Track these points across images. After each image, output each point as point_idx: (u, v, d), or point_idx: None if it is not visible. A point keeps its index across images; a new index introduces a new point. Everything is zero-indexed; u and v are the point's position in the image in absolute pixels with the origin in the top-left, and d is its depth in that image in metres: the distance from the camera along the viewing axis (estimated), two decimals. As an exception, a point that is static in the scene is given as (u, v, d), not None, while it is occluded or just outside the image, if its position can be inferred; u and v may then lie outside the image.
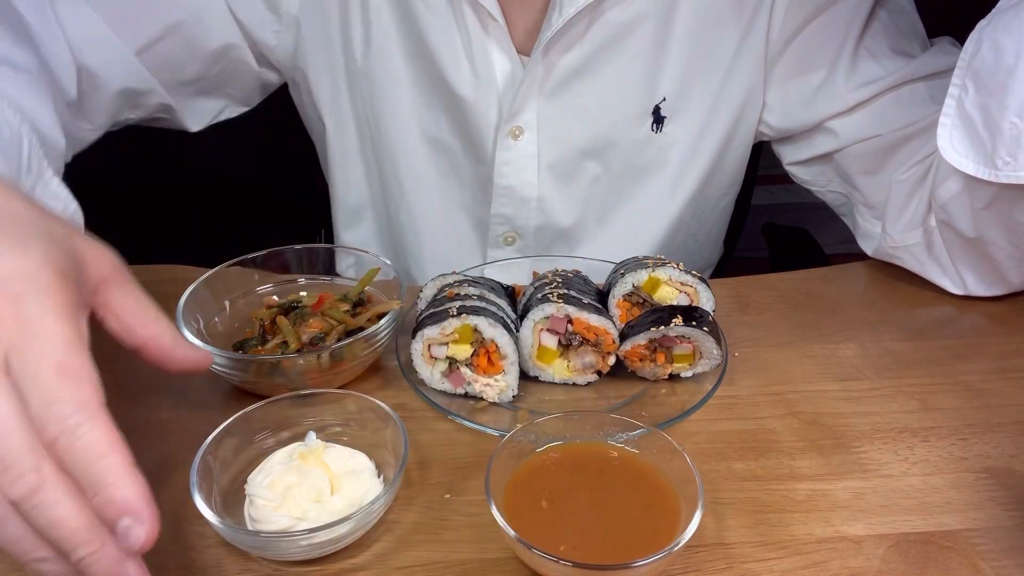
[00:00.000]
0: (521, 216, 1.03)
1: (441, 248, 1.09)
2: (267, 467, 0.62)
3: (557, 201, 1.02)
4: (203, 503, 0.56)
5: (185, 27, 0.92)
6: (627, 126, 0.97)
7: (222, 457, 0.62)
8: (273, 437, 0.66)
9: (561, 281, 0.77)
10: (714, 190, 1.07)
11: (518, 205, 1.02)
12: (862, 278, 0.93)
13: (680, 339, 0.72)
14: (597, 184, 1.02)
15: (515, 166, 0.99)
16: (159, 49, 0.91)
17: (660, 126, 0.98)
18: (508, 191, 1.01)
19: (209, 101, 1.03)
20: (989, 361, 0.79)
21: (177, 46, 0.93)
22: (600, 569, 0.52)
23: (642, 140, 0.98)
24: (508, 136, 0.97)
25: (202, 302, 0.78)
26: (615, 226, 1.05)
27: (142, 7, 0.89)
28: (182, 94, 0.98)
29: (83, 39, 0.85)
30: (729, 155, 1.04)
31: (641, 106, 0.96)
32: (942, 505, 0.63)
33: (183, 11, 0.91)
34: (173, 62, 0.94)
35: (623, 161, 1.00)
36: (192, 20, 0.92)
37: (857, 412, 0.72)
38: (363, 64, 0.99)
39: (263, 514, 0.57)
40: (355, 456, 0.63)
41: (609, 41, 0.91)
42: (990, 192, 0.76)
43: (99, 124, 0.93)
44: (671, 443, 0.60)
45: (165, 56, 0.92)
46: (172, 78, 0.96)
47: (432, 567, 0.58)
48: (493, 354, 0.71)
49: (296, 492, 0.58)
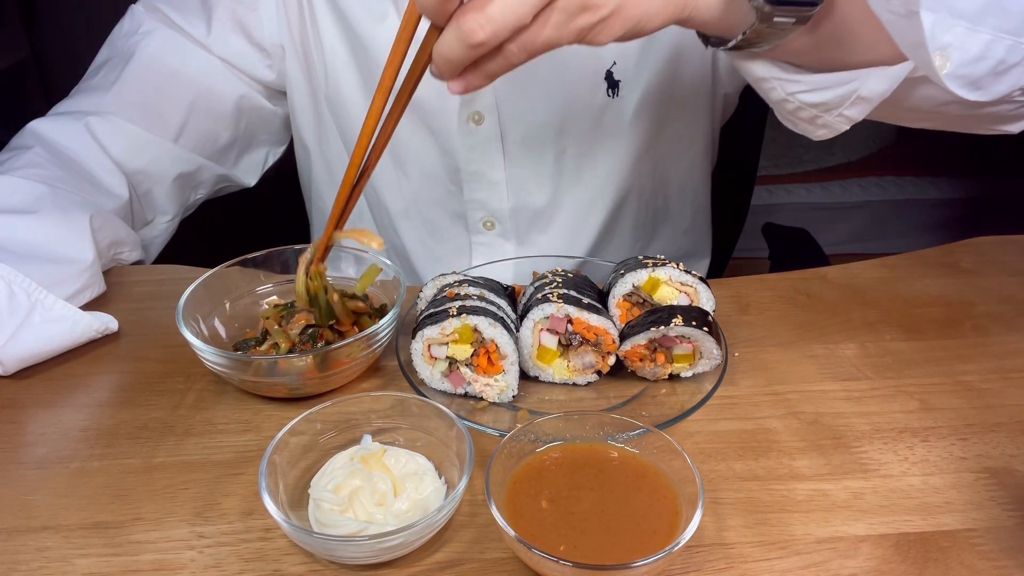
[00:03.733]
0: (494, 199, 1.05)
1: (426, 245, 1.11)
2: (330, 470, 0.62)
3: (527, 181, 1.04)
4: (272, 503, 0.57)
5: (201, 101, 1.03)
6: (583, 94, 0.98)
7: (287, 457, 0.63)
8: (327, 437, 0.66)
9: (561, 281, 0.77)
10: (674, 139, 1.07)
11: (489, 189, 1.04)
12: (862, 278, 0.93)
13: (680, 339, 0.72)
14: (563, 159, 1.03)
15: (480, 151, 1.01)
16: (190, 129, 1.03)
17: (616, 90, 0.99)
18: (476, 176, 1.03)
19: (253, 154, 1.13)
20: (989, 361, 0.79)
21: (203, 119, 1.03)
22: (600, 569, 0.52)
23: (600, 106, 0.99)
24: (469, 122, 0.99)
25: (202, 302, 0.78)
26: (584, 196, 1.06)
27: (162, 100, 1.01)
28: (228, 160, 1.10)
29: (125, 147, 0.98)
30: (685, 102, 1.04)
31: (592, 70, 0.97)
32: (942, 505, 0.63)
33: (194, 87, 1.02)
34: (206, 135, 1.05)
35: (584, 131, 1.01)
36: (203, 92, 1.02)
37: (857, 412, 0.72)
38: (326, 89, 1.04)
39: (330, 518, 0.58)
40: (415, 458, 0.64)
41: None
42: None
43: (172, 212, 1.07)
44: (671, 443, 0.60)
45: (198, 132, 1.04)
46: (213, 149, 1.06)
47: (432, 567, 0.58)
48: (493, 354, 0.71)
49: (361, 496, 0.59)
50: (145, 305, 0.89)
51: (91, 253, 0.84)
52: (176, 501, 0.64)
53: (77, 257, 0.83)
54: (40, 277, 0.78)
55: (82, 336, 0.80)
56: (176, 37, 1.01)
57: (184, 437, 0.70)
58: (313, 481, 0.62)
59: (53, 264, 0.81)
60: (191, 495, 0.64)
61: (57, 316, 0.78)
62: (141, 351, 0.82)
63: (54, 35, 2.17)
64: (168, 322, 0.76)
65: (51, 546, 0.60)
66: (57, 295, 0.78)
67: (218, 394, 0.75)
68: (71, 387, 0.77)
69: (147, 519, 0.62)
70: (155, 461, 0.68)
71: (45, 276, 0.78)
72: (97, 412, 0.74)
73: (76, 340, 0.80)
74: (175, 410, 0.74)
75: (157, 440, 0.70)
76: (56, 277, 0.80)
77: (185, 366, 0.79)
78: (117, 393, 0.77)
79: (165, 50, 1.00)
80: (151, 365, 0.80)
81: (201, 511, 0.63)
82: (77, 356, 0.81)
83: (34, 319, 0.76)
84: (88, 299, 0.84)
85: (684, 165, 1.12)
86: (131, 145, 0.98)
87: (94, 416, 0.73)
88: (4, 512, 0.63)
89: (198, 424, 0.72)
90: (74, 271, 0.82)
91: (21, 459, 0.69)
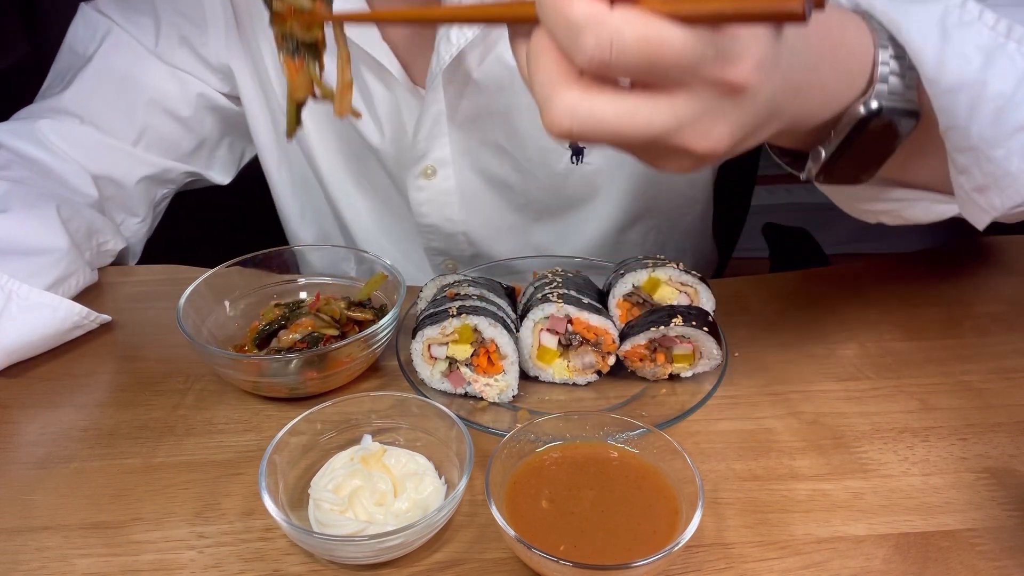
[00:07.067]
0: (454, 249, 1.03)
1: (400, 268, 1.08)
2: (330, 470, 0.62)
3: (486, 234, 1.01)
4: (272, 503, 0.57)
5: (158, 105, 0.99)
6: (543, 160, 0.94)
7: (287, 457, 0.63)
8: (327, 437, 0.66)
9: (561, 281, 0.77)
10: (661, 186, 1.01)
11: (447, 240, 1.02)
12: (862, 278, 0.93)
13: (680, 339, 0.72)
14: (525, 214, 1.00)
15: (434, 204, 0.98)
16: (151, 133, 1.00)
17: (580, 158, 0.94)
18: (432, 228, 1.01)
19: (224, 153, 1.09)
20: (989, 361, 0.79)
21: (162, 123, 1.00)
22: (600, 569, 0.52)
23: (562, 173, 0.95)
24: (420, 176, 0.96)
25: (202, 302, 0.78)
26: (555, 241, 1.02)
27: (118, 105, 0.98)
28: (198, 160, 1.06)
29: (84, 153, 0.95)
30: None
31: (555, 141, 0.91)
32: (942, 505, 0.63)
33: (149, 91, 0.99)
34: (168, 137, 1.02)
35: (547, 193, 0.97)
36: (159, 96, 0.99)
37: (857, 412, 0.72)
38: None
39: (330, 518, 0.58)
40: (415, 458, 0.64)
41: (508, 83, 0.87)
42: None
43: (143, 214, 1.04)
44: (671, 443, 0.60)
45: (159, 136, 1.01)
46: (178, 151, 1.03)
47: (432, 567, 0.58)
48: (493, 354, 0.71)
49: (361, 496, 0.59)
50: (145, 305, 0.89)
51: (64, 240, 0.83)
52: (176, 501, 0.64)
53: (50, 246, 0.82)
54: (14, 271, 0.77)
55: (66, 322, 0.79)
56: (129, 41, 0.98)
57: (184, 437, 0.70)
58: (313, 481, 0.62)
59: (25, 256, 0.80)
60: (191, 495, 0.64)
61: (35, 304, 0.77)
62: (141, 351, 0.82)
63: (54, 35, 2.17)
64: (168, 322, 0.76)
65: (51, 546, 0.60)
66: (36, 286, 0.78)
67: (218, 394, 0.75)
68: (71, 387, 0.77)
69: (147, 519, 0.62)
70: (155, 461, 0.68)
71: (20, 269, 0.78)
72: (97, 412, 0.74)
73: (62, 327, 0.79)
74: (175, 410, 0.74)
75: (157, 440, 0.70)
76: (31, 269, 0.79)
77: (185, 366, 0.79)
78: (117, 393, 0.77)
79: (119, 54, 0.98)
80: (151, 365, 0.80)
81: (201, 511, 0.63)
82: (77, 356, 0.81)
83: (11, 310, 0.76)
84: (75, 288, 0.84)
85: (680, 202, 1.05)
86: (91, 151, 0.96)
87: (94, 416, 0.73)
88: (4, 512, 0.63)
89: (198, 424, 0.72)
90: (50, 260, 0.81)
91: (21, 459, 0.69)
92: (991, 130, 0.55)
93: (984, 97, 0.54)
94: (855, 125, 0.55)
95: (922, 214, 0.65)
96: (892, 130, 0.57)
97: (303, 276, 0.86)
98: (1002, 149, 0.55)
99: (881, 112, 0.55)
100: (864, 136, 0.56)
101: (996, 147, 0.55)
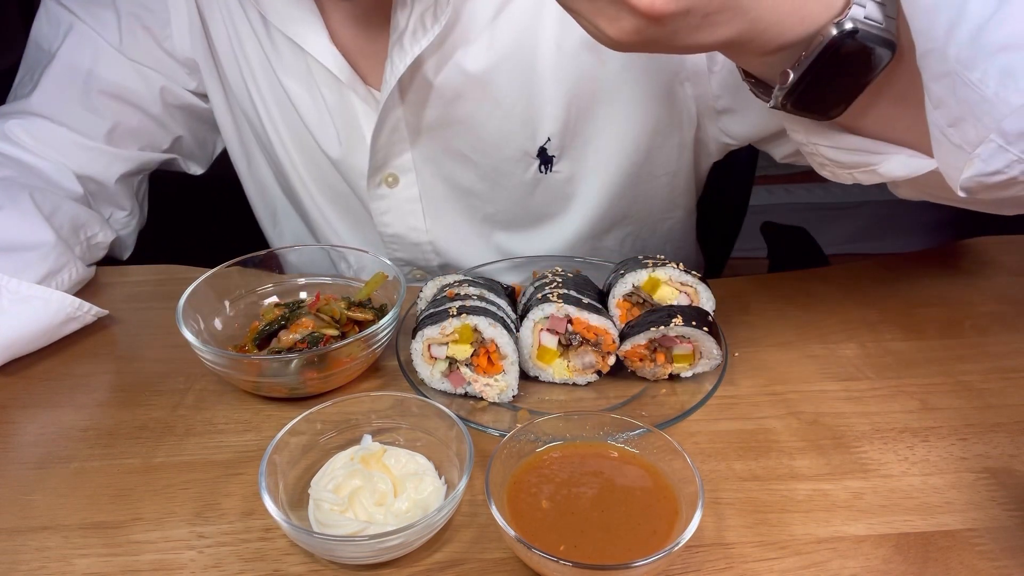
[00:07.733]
0: (420, 259, 1.01)
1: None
2: (330, 470, 0.62)
3: (453, 243, 0.99)
4: (272, 503, 0.57)
5: (125, 100, 0.97)
6: (510, 170, 0.92)
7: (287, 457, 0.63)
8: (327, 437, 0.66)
9: (561, 281, 0.77)
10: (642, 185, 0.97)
11: (412, 250, 1.00)
12: (862, 278, 0.93)
13: (680, 339, 0.72)
14: (494, 222, 0.98)
15: (397, 213, 0.97)
16: (121, 128, 0.97)
17: (549, 167, 0.92)
18: (396, 238, 0.99)
19: (196, 145, 1.07)
20: (989, 361, 0.79)
21: (131, 117, 0.98)
22: (600, 569, 0.52)
23: (530, 182, 0.93)
24: (381, 185, 0.94)
25: (202, 302, 0.78)
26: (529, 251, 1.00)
27: (86, 102, 0.95)
28: (172, 151, 1.04)
29: (59, 152, 0.93)
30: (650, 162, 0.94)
31: (522, 150, 0.90)
32: (942, 505, 0.63)
33: (114, 87, 0.96)
34: (139, 132, 0.99)
35: (516, 202, 0.95)
36: (125, 92, 0.97)
37: (857, 412, 0.72)
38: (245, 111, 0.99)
39: (330, 518, 0.58)
40: (415, 458, 0.64)
41: (468, 91, 0.86)
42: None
43: (129, 207, 1.02)
44: (671, 443, 0.60)
45: (129, 130, 0.98)
46: (152, 144, 1.01)
47: (432, 567, 0.58)
48: (493, 354, 0.71)
49: (361, 496, 0.59)
50: (145, 305, 0.89)
51: (49, 234, 0.83)
52: (176, 501, 0.64)
53: (36, 240, 0.82)
54: (2, 267, 0.77)
55: (59, 314, 0.79)
56: (92, 36, 0.95)
57: (184, 437, 0.70)
58: (313, 481, 0.62)
59: (11, 253, 0.80)
60: (191, 495, 0.64)
61: (26, 296, 0.77)
62: (141, 351, 0.82)
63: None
64: (168, 322, 0.76)
65: (51, 546, 0.60)
66: (25, 280, 0.78)
67: (218, 394, 0.75)
68: (71, 387, 0.77)
69: (147, 519, 0.62)
70: (155, 461, 0.68)
71: (7, 265, 0.78)
72: (97, 412, 0.74)
73: (56, 320, 0.79)
74: (175, 410, 0.74)
75: (157, 440, 0.70)
76: (19, 264, 0.79)
77: (185, 366, 0.79)
78: (117, 393, 0.77)
79: (82, 50, 0.95)
80: (151, 365, 0.80)
81: (201, 511, 0.63)
82: (77, 356, 0.81)
83: (2, 303, 0.76)
84: (69, 283, 0.84)
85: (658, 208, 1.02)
86: (66, 150, 0.94)
87: (94, 416, 0.73)
88: (4, 512, 0.63)
89: (198, 424, 0.72)
90: (37, 255, 0.81)
91: (21, 459, 0.69)
92: (968, 50, 0.53)
93: (963, 16, 0.53)
94: (826, 45, 0.54)
95: (898, 168, 0.63)
96: (866, 58, 0.55)
97: (303, 276, 0.86)
98: (978, 71, 0.53)
99: (856, 34, 0.54)
100: (837, 60, 0.55)
101: (972, 69, 0.53)
